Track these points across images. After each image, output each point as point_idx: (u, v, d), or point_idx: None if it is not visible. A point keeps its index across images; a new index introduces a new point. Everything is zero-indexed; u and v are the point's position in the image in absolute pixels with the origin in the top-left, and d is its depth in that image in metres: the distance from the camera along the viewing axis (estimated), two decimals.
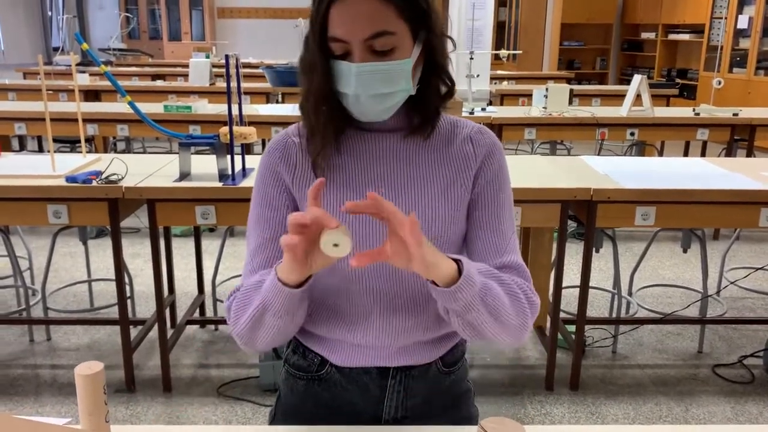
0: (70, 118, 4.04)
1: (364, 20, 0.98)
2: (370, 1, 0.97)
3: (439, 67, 1.08)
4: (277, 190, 1.12)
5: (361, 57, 0.99)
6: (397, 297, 1.12)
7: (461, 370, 1.26)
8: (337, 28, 0.99)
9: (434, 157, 1.13)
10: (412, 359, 1.16)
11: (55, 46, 12.06)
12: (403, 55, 1.02)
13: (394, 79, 1.02)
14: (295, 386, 1.22)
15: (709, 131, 4.57)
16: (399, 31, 1.00)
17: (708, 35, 8.82)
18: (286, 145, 1.13)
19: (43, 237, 4.53)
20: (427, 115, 1.11)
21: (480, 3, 6.09)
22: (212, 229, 4.75)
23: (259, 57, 9.29)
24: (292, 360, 1.22)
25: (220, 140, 2.52)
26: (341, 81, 1.02)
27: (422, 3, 1.02)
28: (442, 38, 1.07)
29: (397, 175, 1.11)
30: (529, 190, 2.50)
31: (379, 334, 1.13)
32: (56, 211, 2.49)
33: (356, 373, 1.17)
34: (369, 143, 1.12)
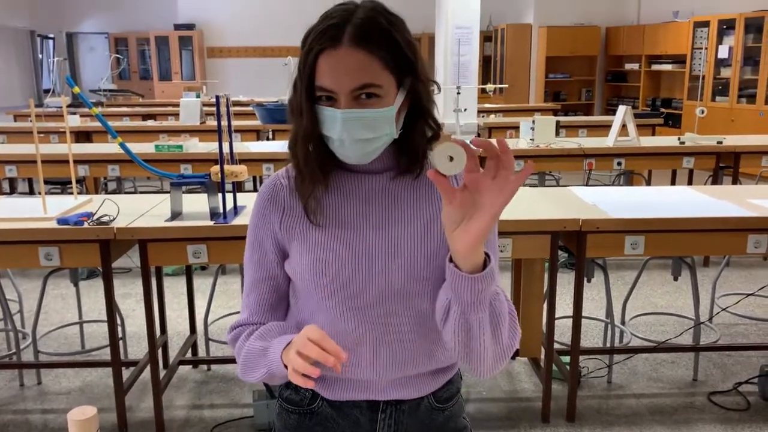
0: (61, 159, 4.03)
1: (350, 73, 1.01)
2: (357, 54, 1.01)
3: (424, 112, 1.11)
4: (265, 234, 1.17)
5: (346, 104, 1.03)
6: (386, 332, 1.13)
7: (456, 407, 1.25)
8: (324, 78, 1.03)
9: (419, 195, 1.15)
10: (401, 393, 1.18)
11: (45, 88, 12.15)
12: (387, 103, 1.05)
13: (378, 125, 1.05)
14: (288, 420, 1.23)
15: (694, 159, 4.64)
16: (384, 82, 1.04)
17: (690, 65, 9.00)
18: (274, 188, 1.17)
19: (34, 279, 4.50)
20: (414, 158, 1.13)
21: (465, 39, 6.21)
22: (204, 268, 4.73)
23: (249, 95, 9.39)
24: (285, 394, 1.24)
25: (211, 179, 2.54)
26: (327, 125, 1.05)
27: (408, 54, 1.06)
28: (427, 84, 1.10)
29: (385, 214, 1.13)
30: (519, 222, 2.52)
31: (367, 368, 1.14)
32: (48, 253, 2.49)
33: (347, 406, 1.18)
34: (357, 184, 1.15)
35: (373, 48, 1.02)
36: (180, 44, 12.07)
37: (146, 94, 11.35)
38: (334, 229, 1.12)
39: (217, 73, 12.08)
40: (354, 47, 1.01)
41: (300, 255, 1.13)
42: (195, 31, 12.02)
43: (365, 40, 1.01)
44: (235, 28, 12.01)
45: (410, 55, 1.06)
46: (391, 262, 1.10)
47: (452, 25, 6.47)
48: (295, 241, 1.14)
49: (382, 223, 1.13)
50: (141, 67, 12.84)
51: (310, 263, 1.11)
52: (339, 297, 1.11)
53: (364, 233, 1.12)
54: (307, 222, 1.13)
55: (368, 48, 1.01)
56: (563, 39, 10.61)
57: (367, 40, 1.01)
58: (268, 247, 1.17)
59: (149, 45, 12.32)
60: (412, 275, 1.10)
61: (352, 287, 1.10)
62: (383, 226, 1.13)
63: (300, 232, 1.13)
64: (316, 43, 1.02)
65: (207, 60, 12.32)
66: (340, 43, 1.01)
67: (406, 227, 1.12)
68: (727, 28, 8.36)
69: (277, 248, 1.16)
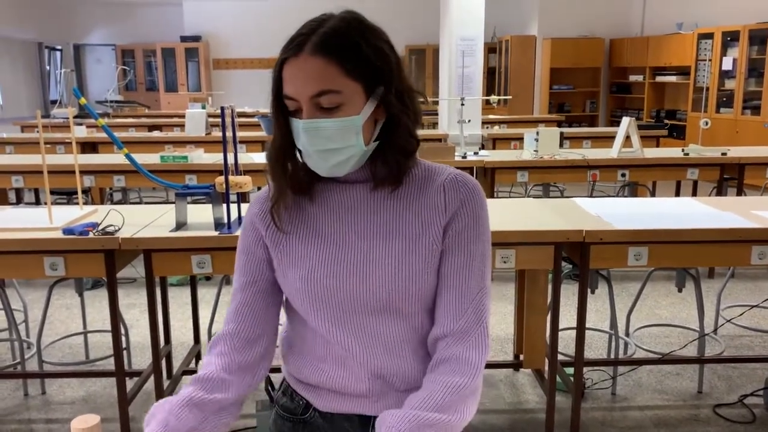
0: (67, 170, 4.07)
1: (309, 79, 1.01)
2: (315, 61, 1.01)
3: (399, 124, 1.08)
4: (253, 241, 1.18)
5: (308, 114, 1.03)
6: (373, 346, 1.12)
7: None
8: (288, 86, 1.04)
9: (404, 208, 1.12)
10: (392, 408, 1.14)
11: (53, 99, 12.24)
12: (352, 112, 1.03)
13: (342, 135, 1.04)
14: (283, 428, 1.24)
15: (698, 171, 4.64)
16: (345, 90, 1.02)
17: (694, 77, 9.02)
18: (263, 200, 1.18)
19: (39, 289, 4.52)
20: (389, 170, 1.10)
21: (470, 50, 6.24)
22: (208, 278, 4.74)
23: (255, 106, 9.44)
24: (281, 401, 1.25)
25: (215, 190, 2.55)
26: (296, 137, 1.07)
27: (376, 61, 1.04)
28: (404, 94, 1.07)
29: (365, 226, 1.12)
30: (522, 233, 2.52)
31: (356, 382, 1.14)
32: (53, 263, 2.50)
33: (338, 419, 1.18)
34: (338, 194, 1.14)
35: (332, 55, 1.01)
36: (186, 56, 12.16)
37: (152, 105, 11.43)
38: (318, 241, 1.13)
39: (222, 85, 12.16)
40: (313, 55, 1.01)
41: (284, 268, 1.14)
42: (201, 42, 12.11)
43: (325, 48, 1.01)
44: (241, 40, 12.11)
45: (380, 64, 1.04)
46: (377, 276, 1.09)
47: (456, 37, 6.51)
48: (278, 254, 1.15)
49: (367, 235, 1.11)
50: (147, 78, 12.94)
51: (293, 277, 1.12)
52: (324, 310, 1.11)
53: (348, 246, 1.11)
54: (292, 235, 1.14)
55: (327, 55, 1.01)
56: (567, 51, 10.65)
57: (327, 48, 1.01)
58: (257, 251, 1.17)
59: (156, 56, 12.41)
60: (396, 288, 1.09)
61: (337, 303, 1.10)
62: (368, 237, 1.11)
63: (285, 245, 1.14)
64: (283, 53, 1.04)
65: (213, 71, 12.41)
66: (301, 51, 1.02)
67: (391, 240, 1.10)
68: (732, 40, 8.37)
69: (267, 253, 1.16)
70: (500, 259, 2.57)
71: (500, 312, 3.98)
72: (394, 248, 1.10)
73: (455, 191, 1.10)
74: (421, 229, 1.10)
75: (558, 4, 10.75)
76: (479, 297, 1.10)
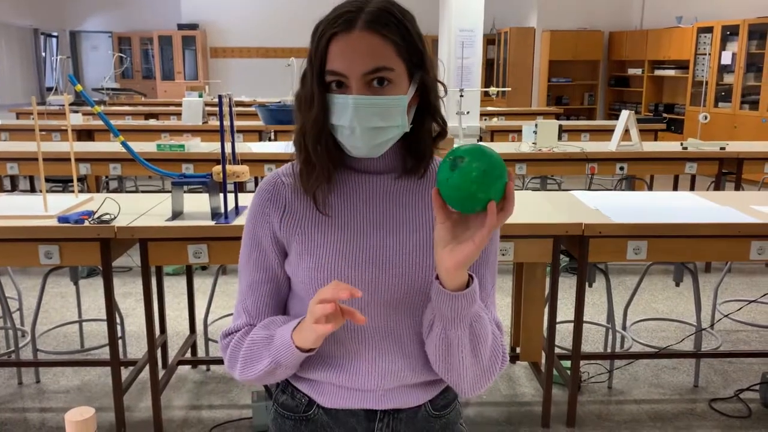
0: (62, 157, 4.04)
1: (363, 56, 1.00)
2: (371, 37, 1.01)
3: (432, 109, 1.09)
4: (264, 232, 1.13)
5: (358, 90, 1.02)
6: (384, 339, 1.11)
7: (453, 413, 1.23)
8: (336, 62, 1.01)
9: (425, 200, 1.13)
10: (399, 402, 1.15)
11: (48, 86, 12.15)
12: (399, 92, 1.04)
13: (390, 113, 1.03)
14: (284, 426, 1.20)
15: (697, 165, 4.62)
16: (396, 68, 1.03)
17: (693, 71, 9.00)
18: (275, 186, 1.14)
19: (33, 277, 4.50)
20: (421, 156, 1.11)
21: (469, 42, 6.21)
22: (204, 268, 4.72)
23: (252, 95, 9.39)
24: (281, 400, 1.21)
25: (212, 179, 2.53)
26: (337, 114, 1.04)
27: (419, 45, 1.05)
28: (435, 81, 1.09)
29: (388, 217, 1.11)
30: (521, 226, 2.51)
31: (365, 377, 1.12)
32: (48, 251, 2.48)
33: (343, 414, 1.15)
34: (361, 184, 1.13)
35: (387, 33, 1.01)
36: (183, 44, 12.08)
37: (149, 94, 11.36)
38: (336, 231, 1.10)
39: (219, 73, 12.09)
40: (367, 31, 1.00)
41: (300, 257, 1.10)
42: (198, 31, 12.03)
43: (379, 25, 1.01)
44: (239, 29, 12.03)
45: (421, 48, 1.06)
46: (394, 269, 1.08)
47: (456, 28, 6.47)
48: (294, 242, 1.11)
49: (387, 227, 1.11)
50: (144, 66, 12.86)
51: (311, 266, 1.09)
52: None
53: (367, 237, 1.10)
54: (309, 223, 1.11)
55: (382, 32, 1.01)
56: (566, 43, 10.61)
57: (382, 25, 1.01)
58: (268, 247, 1.13)
59: (152, 44, 12.33)
60: (415, 282, 1.09)
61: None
62: (387, 229, 1.11)
63: (301, 233, 1.11)
64: (329, 28, 1.02)
65: (210, 60, 12.33)
66: (353, 27, 1.00)
67: (411, 233, 1.11)
68: (731, 34, 8.35)
69: (277, 247, 1.13)
70: (498, 252, 2.55)
71: (498, 304, 3.96)
72: (416, 238, 1.10)
73: None
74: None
75: None
76: (493, 291, 1.15)
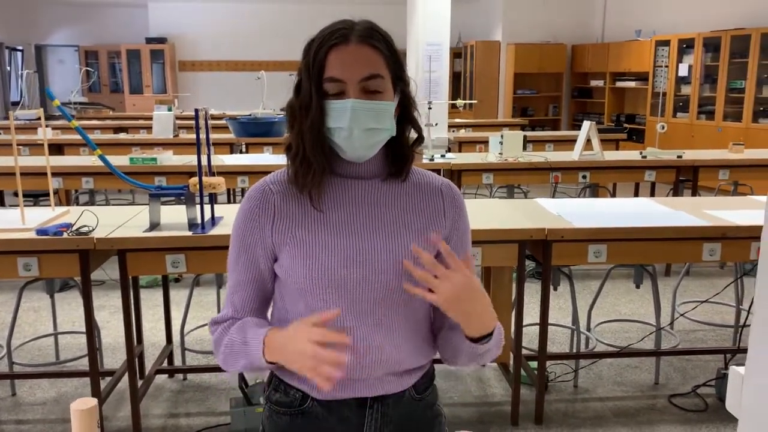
0: (34, 171, 4.05)
1: (360, 63, 1.14)
2: (365, 49, 1.15)
3: (411, 117, 1.24)
4: (254, 237, 1.22)
5: (355, 95, 1.14)
6: (374, 331, 1.21)
7: (431, 395, 1.34)
8: (335, 69, 1.14)
9: (409, 204, 1.25)
10: (387, 389, 1.25)
11: (14, 101, 11.99)
12: (388, 98, 1.18)
13: (382, 117, 1.16)
14: (279, 423, 1.28)
15: (656, 173, 4.83)
16: (386, 77, 1.17)
17: (652, 82, 9.31)
18: (264, 194, 1.23)
19: (6, 292, 4.48)
20: (403, 160, 1.24)
21: (436, 55, 6.36)
22: (177, 280, 4.75)
23: (221, 108, 9.42)
24: (274, 398, 1.29)
25: (189, 191, 2.60)
26: (335, 117, 1.15)
27: (400, 59, 1.21)
28: (411, 94, 1.24)
29: (376, 218, 1.22)
30: (487, 231, 2.63)
31: (355, 368, 1.21)
32: (26, 263, 2.52)
33: (336, 405, 1.24)
34: (350, 189, 1.23)
35: (377, 45, 1.16)
36: (151, 57, 12.05)
37: (117, 107, 11.30)
38: (327, 233, 1.19)
39: (188, 87, 12.08)
40: (361, 44, 1.15)
41: (294, 259, 1.19)
42: (167, 44, 12.02)
43: (371, 39, 1.16)
44: (207, 42, 12.06)
45: (401, 62, 1.21)
46: (383, 267, 1.18)
47: (423, 42, 6.63)
48: (287, 246, 1.20)
49: (374, 228, 1.21)
50: (111, 80, 12.78)
51: (305, 268, 1.17)
52: (333, 301, 1.18)
53: (357, 237, 1.19)
54: (300, 227, 1.20)
55: (374, 44, 1.16)
56: (531, 56, 10.88)
57: (373, 39, 1.16)
58: (257, 251, 1.22)
59: (120, 58, 12.28)
60: (402, 278, 1.18)
61: (346, 291, 1.18)
62: (375, 230, 1.21)
63: (292, 237, 1.19)
64: (326, 41, 1.14)
65: (179, 73, 12.32)
66: (348, 40, 1.14)
67: (397, 233, 1.21)
68: (687, 47, 8.67)
69: (266, 252, 1.22)
70: None
71: None
72: (402, 240, 1.21)
73: (452, 199, 1.29)
74: (425, 225, 1.25)
75: (521, 11, 10.97)
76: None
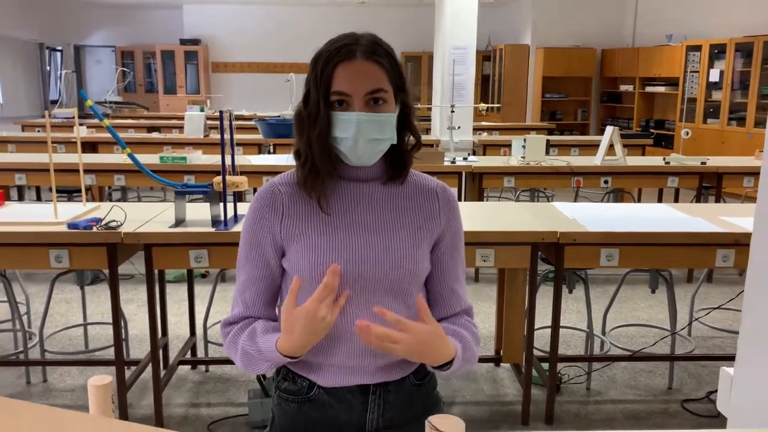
0: (69, 168, 4.22)
1: (365, 79, 1.22)
2: (370, 65, 1.23)
3: (411, 125, 1.32)
4: (263, 234, 1.32)
5: (360, 108, 1.23)
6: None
7: (431, 382, 1.43)
8: (342, 84, 1.22)
9: (406, 204, 1.34)
10: (388, 376, 1.34)
11: (52, 99, 12.36)
12: (390, 110, 1.26)
13: (384, 128, 1.25)
14: (288, 409, 1.37)
15: (678, 179, 4.81)
16: (388, 90, 1.25)
17: (682, 88, 9.21)
18: (273, 194, 1.33)
19: (40, 283, 4.67)
20: (402, 165, 1.33)
21: (461, 59, 6.41)
22: (204, 275, 4.89)
23: (252, 109, 9.59)
24: (283, 386, 1.39)
25: (213, 189, 2.70)
26: (341, 128, 1.24)
27: (402, 72, 1.29)
28: (411, 101, 1.32)
29: (376, 218, 1.31)
30: (500, 233, 2.69)
31: (358, 356, 1.30)
32: (58, 255, 2.65)
33: (341, 392, 1.33)
34: (353, 191, 1.32)
35: (381, 61, 1.24)
36: (185, 58, 12.32)
37: (151, 107, 11.57)
38: (332, 231, 1.29)
39: (221, 88, 12.32)
40: (366, 60, 1.22)
41: (301, 255, 1.28)
42: (200, 46, 12.27)
43: (375, 54, 1.23)
44: (240, 44, 12.28)
45: (403, 74, 1.29)
46: (382, 263, 1.28)
47: (449, 46, 6.69)
48: (294, 243, 1.29)
49: (375, 227, 1.30)
50: (147, 80, 13.09)
51: (311, 263, 1.27)
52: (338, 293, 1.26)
53: (359, 235, 1.29)
54: (307, 225, 1.29)
55: (378, 60, 1.23)
56: (560, 60, 10.86)
57: (377, 54, 1.24)
58: (267, 248, 1.31)
59: (155, 59, 12.57)
60: (403, 273, 1.29)
61: (348, 284, 1.26)
62: (376, 229, 1.30)
63: (299, 234, 1.29)
64: (333, 57, 1.22)
65: (212, 74, 12.57)
66: (354, 56, 1.22)
67: (395, 232, 1.31)
68: (719, 53, 8.58)
69: (275, 249, 1.31)
70: (480, 258, 2.73)
71: (485, 312, 4.14)
72: (399, 237, 1.30)
73: (446, 200, 1.38)
74: (420, 223, 1.33)
75: (551, 15, 10.96)
76: (462, 276, 1.42)
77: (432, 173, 1.48)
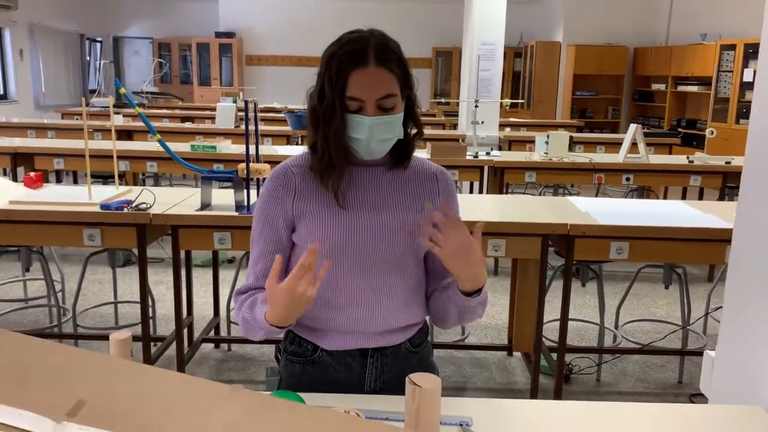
0: (104, 155, 4.42)
1: (377, 85, 1.33)
2: (381, 72, 1.33)
3: (415, 116, 1.45)
4: (276, 211, 1.44)
5: (373, 112, 1.34)
6: (377, 293, 1.43)
7: (426, 350, 1.56)
8: (356, 90, 1.33)
9: (409, 187, 1.47)
10: (385, 341, 1.47)
11: (91, 89, 12.72)
12: (398, 110, 1.38)
13: (393, 127, 1.38)
14: (294, 370, 1.51)
15: (701, 178, 4.81)
16: (397, 93, 1.36)
17: (715, 87, 9.11)
18: (286, 175, 1.45)
19: (74, 264, 4.88)
20: (407, 152, 1.46)
21: (489, 55, 6.46)
22: (231, 261, 5.05)
23: (283, 102, 9.75)
24: (290, 348, 1.52)
25: (238, 175, 2.84)
26: (355, 129, 1.35)
27: (408, 70, 1.40)
28: (415, 96, 1.44)
29: (381, 199, 1.44)
30: (512, 224, 2.77)
31: (361, 322, 1.43)
32: (91, 234, 2.81)
33: (342, 355, 1.46)
34: (359, 174, 1.44)
35: (392, 67, 1.34)
36: (220, 51, 12.55)
37: (186, 98, 11.84)
38: (341, 210, 1.41)
39: (254, 80, 12.52)
40: (378, 66, 1.32)
41: (309, 229, 1.41)
42: (235, 39, 12.49)
43: (386, 61, 1.33)
44: (274, 38, 12.47)
45: (409, 72, 1.39)
46: (386, 240, 1.41)
47: (478, 41, 6.74)
48: (305, 219, 1.41)
49: (380, 207, 1.43)
50: (182, 71, 13.37)
51: (321, 239, 1.39)
52: (343, 266, 1.40)
53: (365, 215, 1.42)
54: (318, 204, 1.41)
55: (389, 67, 1.34)
56: (591, 57, 10.79)
57: (388, 61, 1.34)
58: (279, 224, 1.43)
59: (191, 51, 12.84)
60: (404, 249, 1.43)
61: (355, 258, 1.40)
62: (381, 209, 1.43)
63: (310, 211, 1.41)
64: (346, 64, 1.33)
65: (245, 67, 12.78)
66: (367, 63, 1.32)
67: (398, 212, 1.44)
68: (753, 52, 8.44)
69: (286, 225, 1.43)
70: (492, 248, 2.82)
71: (501, 303, 4.22)
72: (400, 218, 1.44)
73: (444, 183, 1.51)
74: (421, 205, 1.46)
75: (583, 12, 10.90)
76: None
77: (453, 167, 1.64)
